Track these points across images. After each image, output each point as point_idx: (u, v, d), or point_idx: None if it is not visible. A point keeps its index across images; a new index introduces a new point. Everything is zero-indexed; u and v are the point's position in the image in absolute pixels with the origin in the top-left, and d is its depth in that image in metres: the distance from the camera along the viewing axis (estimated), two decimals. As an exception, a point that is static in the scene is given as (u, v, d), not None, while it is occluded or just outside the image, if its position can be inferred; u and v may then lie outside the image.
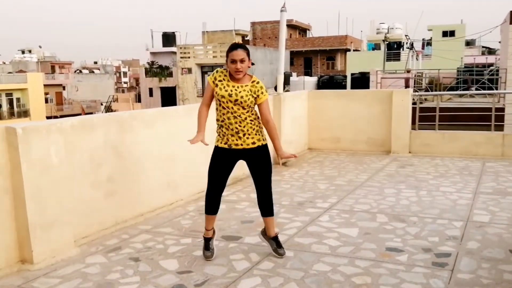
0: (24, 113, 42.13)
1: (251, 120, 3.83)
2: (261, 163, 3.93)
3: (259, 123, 3.91)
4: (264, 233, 4.14)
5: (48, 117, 41.01)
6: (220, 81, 3.81)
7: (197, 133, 3.91)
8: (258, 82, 3.86)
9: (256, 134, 3.87)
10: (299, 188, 6.42)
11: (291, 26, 50.57)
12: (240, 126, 3.80)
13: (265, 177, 3.95)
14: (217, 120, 3.90)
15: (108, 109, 48.54)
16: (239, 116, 3.78)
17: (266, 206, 4.01)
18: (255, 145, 3.87)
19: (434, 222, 4.86)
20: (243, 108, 3.78)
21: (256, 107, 3.89)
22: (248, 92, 3.79)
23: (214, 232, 4.14)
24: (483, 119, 9.73)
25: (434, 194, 5.95)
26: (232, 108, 3.77)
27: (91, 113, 45.38)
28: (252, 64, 3.92)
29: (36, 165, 3.88)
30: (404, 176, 6.93)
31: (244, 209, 5.42)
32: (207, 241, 4.07)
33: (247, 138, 3.84)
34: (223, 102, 3.78)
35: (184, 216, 5.22)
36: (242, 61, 3.71)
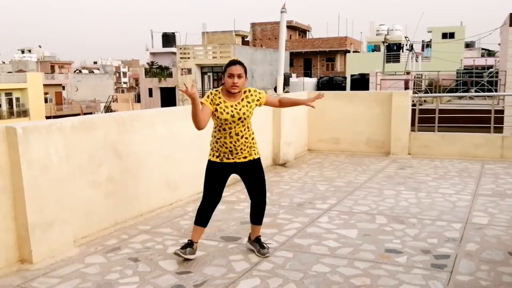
0: (24, 113, 42.11)
1: (245, 139, 3.89)
2: (253, 174, 3.97)
3: (253, 139, 3.96)
4: (249, 237, 4.21)
5: (47, 117, 40.99)
6: (218, 104, 3.80)
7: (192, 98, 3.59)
8: (249, 90, 3.93)
9: (248, 151, 3.92)
10: (298, 189, 6.42)
11: (291, 27, 50.59)
12: (234, 145, 3.86)
13: (259, 187, 4.00)
14: (213, 136, 3.95)
15: (108, 109, 48.52)
16: (237, 134, 3.83)
17: (258, 215, 4.07)
18: (246, 159, 3.93)
19: (433, 224, 4.87)
20: (243, 125, 3.85)
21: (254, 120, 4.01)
22: (246, 105, 3.85)
23: (196, 247, 4.04)
24: (483, 121, 9.74)
25: (433, 195, 5.96)
26: (235, 127, 3.82)
27: (90, 113, 45.37)
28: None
29: (36, 165, 3.88)
30: (403, 178, 6.93)
31: (243, 210, 5.42)
32: (190, 244, 3.97)
33: (238, 154, 3.90)
34: (226, 124, 3.81)
35: (183, 217, 5.22)
36: (239, 76, 3.77)
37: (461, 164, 7.87)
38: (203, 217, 3.99)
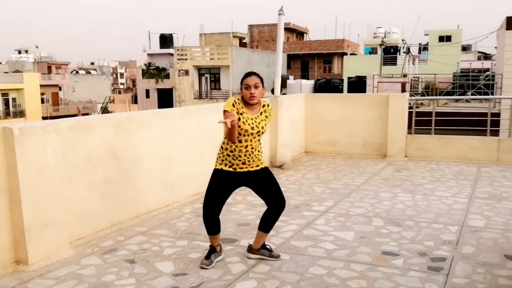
0: (20, 113, 41.97)
1: (258, 151, 3.85)
2: (267, 180, 3.88)
3: (261, 151, 3.91)
4: (250, 248, 4.09)
5: (44, 118, 40.90)
6: (241, 114, 3.72)
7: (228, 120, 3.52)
8: (268, 105, 3.89)
9: (259, 160, 3.88)
10: (295, 191, 6.42)
11: (288, 30, 50.64)
12: (248, 158, 3.80)
13: (277, 191, 3.88)
14: (224, 148, 3.81)
15: (105, 110, 48.44)
16: (252, 148, 3.78)
17: (271, 222, 3.96)
18: (259, 167, 3.87)
19: (429, 227, 4.88)
20: (259, 139, 3.82)
21: None
22: (264, 119, 3.83)
23: (221, 248, 4.07)
24: (479, 124, 9.78)
25: (430, 198, 5.96)
26: (251, 140, 3.77)
27: (87, 114, 45.27)
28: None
29: (32, 166, 3.87)
30: (400, 180, 6.94)
31: (240, 212, 5.42)
32: (211, 251, 3.96)
33: (250, 164, 3.83)
34: (245, 135, 3.74)
35: (180, 218, 5.21)
36: (256, 86, 3.71)
37: (457, 167, 7.89)
38: (212, 227, 3.90)
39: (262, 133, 3.82)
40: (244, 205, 5.66)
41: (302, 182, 6.96)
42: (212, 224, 3.89)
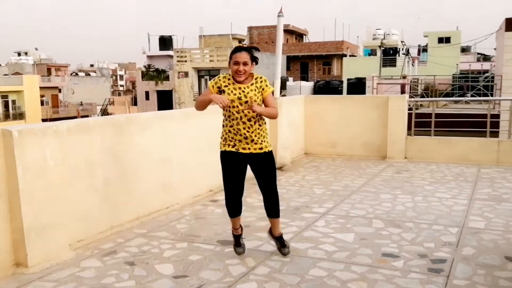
0: (20, 116, 41.96)
1: (259, 125, 3.84)
2: (266, 167, 3.94)
3: (266, 128, 3.93)
4: (270, 232, 4.20)
5: (43, 120, 40.86)
6: (226, 86, 3.80)
7: (213, 97, 3.78)
8: (261, 77, 3.88)
9: (263, 141, 3.88)
10: (295, 192, 6.42)
11: (288, 31, 50.65)
12: (248, 131, 3.80)
13: (271, 180, 3.98)
14: (225, 125, 3.88)
15: (104, 112, 48.44)
16: (249, 120, 3.79)
17: (272, 207, 4.04)
18: (262, 151, 3.88)
19: (429, 228, 4.87)
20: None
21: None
22: (255, 90, 3.81)
23: (242, 228, 4.18)
24: (479, 126, 9.77)
25: (430, 200, 5.96)
26: (243, 111, 3.77)
27: (87, 116, 45.26)
28: (256, 63, 3.85)
29: (31, 168, 3.87)
30: (400, 182, 6.94)
31: (240, 214, 5.41)
32: (237, 238, 4.12)
33: (255, 143, 3.85)
34: (235, 107, 3.76)
35: (180, 220, 5.21)
36: (244, 64, 3.74)
37: (457, 168, 7.88)
38: (233, 209, 4.03)
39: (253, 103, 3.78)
40: (244, 207, 5.60)
41: (302, 183, 6.95)
42: (234, 207, 4.00)
